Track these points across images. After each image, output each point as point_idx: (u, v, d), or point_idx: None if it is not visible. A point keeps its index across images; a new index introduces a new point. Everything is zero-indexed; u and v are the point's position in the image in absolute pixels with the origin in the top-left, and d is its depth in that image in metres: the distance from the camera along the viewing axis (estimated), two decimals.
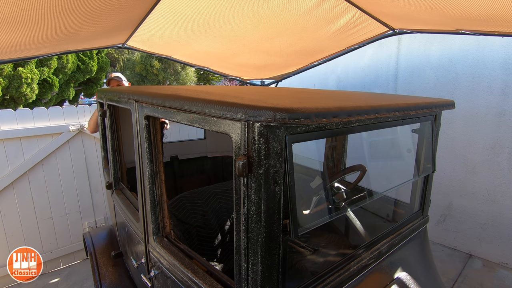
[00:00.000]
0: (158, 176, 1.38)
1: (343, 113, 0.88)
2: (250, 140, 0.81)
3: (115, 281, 2.15)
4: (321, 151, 2.23)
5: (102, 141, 2.46)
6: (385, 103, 1.11)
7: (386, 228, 1.50)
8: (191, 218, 1.97)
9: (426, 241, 1.73)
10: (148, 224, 1.44)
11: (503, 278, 3.08)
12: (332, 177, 1.73)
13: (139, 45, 3.14)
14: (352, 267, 1.20)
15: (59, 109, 3.30)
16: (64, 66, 9.55)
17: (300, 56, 3.39)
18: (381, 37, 2.88)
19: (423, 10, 1.99)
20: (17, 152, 3.02)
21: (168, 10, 2.28)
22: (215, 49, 3.17)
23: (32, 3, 1.52)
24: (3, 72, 7.82)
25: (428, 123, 1.54)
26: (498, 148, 3.20)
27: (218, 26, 2.57)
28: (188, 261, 1.21)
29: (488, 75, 3.19)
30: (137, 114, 1.39)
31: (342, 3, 2.20)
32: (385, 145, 1.94)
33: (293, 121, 0.75)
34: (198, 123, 0.97)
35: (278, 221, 0.88)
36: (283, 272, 0.95)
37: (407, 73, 3.82)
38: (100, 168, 3.56)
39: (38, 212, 3.21)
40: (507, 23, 1.84)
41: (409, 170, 1.65)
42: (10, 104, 8.58)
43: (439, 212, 3.70)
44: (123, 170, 2.14)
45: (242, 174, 0.82)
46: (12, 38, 1.95)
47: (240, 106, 0.80)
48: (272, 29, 2.63)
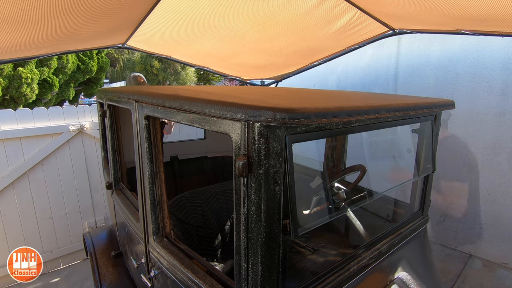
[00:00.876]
0: (158, 176, 1.38)
1: (343, 113, 0.88)
2: (250, 140, 0.81)
3: (115, 281, 2.15)
4: (321, 151, 2.23)
5: (102, 141, 2.46)
6: (385, 103, 1.11)
7: (386, 228, 1.50)
8: (191, 218, 1.97)
9: (426, 241, 1.73)
10: (148, 224, 1.44)
11: (503, 278, 3.08)
12: (332, 177, 1.73)
13: (139, 45, 3.14)
14: (352, 267, 1.20)
15: (59, 109, 3.31)
16: (64, 66, 9.54)
17: (300, 56, 3.39)
18: (381, 37, 2.88)
19: (423, 10, 1.99)
20: (17, 152, 3.02)
21: (168, 10, 2.28)
22: (215, 49, 3.17)
23: (32, 3, 1.52)
24: (3, 72, 7.81)
25: (428, 123, 1.54)
26: (498, 148, 3.20)
27: (218, 26, 2.56)
28: (188, 261, 1.21)
29: (488, 75, 3.19)
30: (137, 114, 1.39)
31: (342, 3, 2.20)
32: (385, 145, 1.94)
33: (293, 121, 0.75)
34: (198, 123, 0.97)
35: (278, 221, 0.88)
36: (283, 272, 0.95)
37: (407, 73, 3.82)
38: (100, 168, 3.56)
39: (38, 212, 3.21)
40: (507, 23, 1.84)
41: (409, 170, 1.65)
42: (10, 104, 8.57)
43: (439, 212, 3.70)
44: (123, 170, 2.14)
45: (242, 174, 0.82)
46: (12, 38, 1.95)
47: (240, 106, 0.80)
48: (272, 29, 2.63)
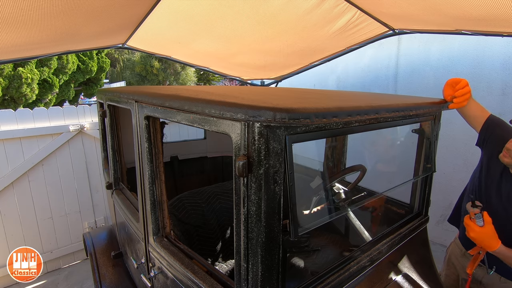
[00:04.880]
0: (158, 176, 1.38)
1: (343, 113, 0.88)
2: (250, 140, 0.81)
3: (115, 281, 2.15)
4: (321, 151, 2.23)
5: (102, 141, 2.47)
6: (385, 103, 1.11)
7: (386, 228, 1.50)
8: (191, 218, 1.97)
9: (426, 241, 1.73)
10: (148, 224, 1.44)
11: None
12: (332, 177, 1.73)
13: (139, 45, 3.14)
14: (352, 267, 1.20)
15: (59, 109, 3.31)
16: (64, 66, 9.54)
17: (300, 56, 3.39)
18: (381, 37, 2.88)
19: (423, 10, 1.99)
20: (17, 152, 3.02)
21: (168, 10, 2.28)
22: (215, 49, 3.17)
23: (32, 3, 1.52)
24: (3, 72, 7.81)
25: (428, 123, 1.54)
26: None
27: (218, 26, 2.56)
28: (188, 261, 1.21)
29: (488, 75, 3.19)
30: (137, 114, 1.39)
31: (342, 3, 2.20)
32: (385, 145, 1.94)
33: (293, 121, 0.75)
34: (198, 123, 0.97)
35: (278, 221, 0.88)
36: (283, 272, 0.95)
37: (407, 73, 3.82)
38: (100, 168, 3.56)
39: (38, 212, 3.21)
40: (507, 23, 1.84)
41: (409, 170, 1.65)
42: (10, 104, 8.57)
43: (439, 212, 3.69)
44: (123, 170, 2.14)
45: (242, 174, 0.82)
46: (12, 38, 1.95)
47: (240, 106, 0.80)
48: (272, 29, 2.63)
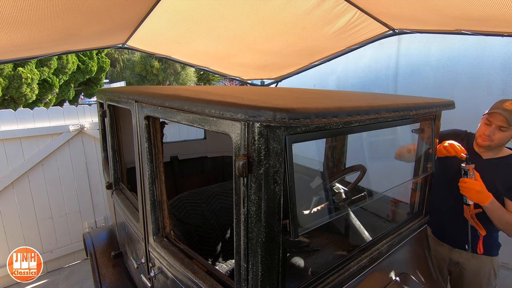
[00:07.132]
0: (158, 176, 1.38)
1: (343, 113, 0.88)
2: (250, 140, 0.81)
3: (115, 281, 2.15)
4: (321, 151, 2.23)
5: (102, 141, 2.47)
6: (385, 103, 1.11)
7: (386, 228, 1.50)
8: (191, 218, 1.97)
9: (426, 241, 1.73)
10: (148, 224, 1.44)
11: (503, 278, 3.07)
12: (332, 177, 1.73)
13: (139, 45, 3.14)
14: (352, 267, 1.20)
15: (59, 109, 3.31)
16: (64, 66, 9.54)
17: (300, 56, 3.39)
18: (381, 37, 2.88)
19: (423, 10, 1.99)
20: (17, 152, 3.02)
21: (168, 10, 2.28)
22: (215, 49, 3.17)
23: (32, 3, 1.52)
24: (3, 72, 7.81)
25: (428, 123, 1.54)
26: None
27: (218, 26, 2.56)
28: (188, 261, 1.21)
29: (488, 75, 3.19)
30: (137, 114, 1.39)
31: (342, 3, 2.19)
32: (385, 145, 1.94)
33: (293, 121, 0.75)
34: (198, 123, 0.97)
35: (278, 221, 0.88)
36: (283, 272, 0.95)
37: (407, 73, 3.82)
38: (100, 168, 3.56)
39: (38, 212, 3.21)
40: (507, 23, 1.84)
41: (409, 170, 1.65)
42: (10, 104, 8.57)
43: None
44: (123, 170, 2.14)
45: (242, 174, 0.82)
46: (12, 38, 1.95)
47: (240, 106, 0.80)
48: (272, 29, 2.63)
